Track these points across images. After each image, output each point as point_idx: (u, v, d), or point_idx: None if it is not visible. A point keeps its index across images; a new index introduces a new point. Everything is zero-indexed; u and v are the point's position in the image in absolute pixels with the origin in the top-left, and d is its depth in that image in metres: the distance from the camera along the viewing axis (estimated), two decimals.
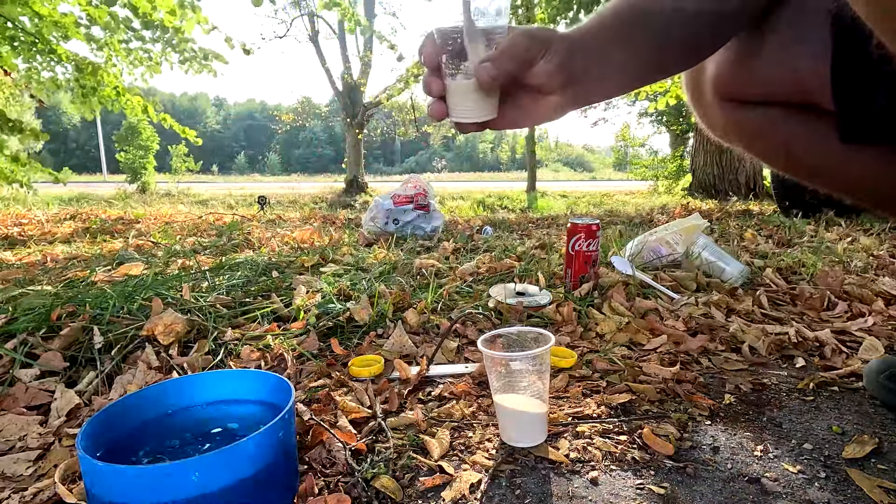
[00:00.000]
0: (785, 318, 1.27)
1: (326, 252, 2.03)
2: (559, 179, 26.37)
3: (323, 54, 11.96)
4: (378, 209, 2.77)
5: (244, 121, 60.41)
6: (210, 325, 1.12)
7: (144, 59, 3.72)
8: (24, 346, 0.97)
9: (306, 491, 0.62)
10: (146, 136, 12.37)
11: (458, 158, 55.33)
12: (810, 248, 2.17)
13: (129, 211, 4.76)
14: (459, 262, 1.93)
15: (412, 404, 0.87)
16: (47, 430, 0.78)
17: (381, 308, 1.26)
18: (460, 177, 28.96)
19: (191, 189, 11.87)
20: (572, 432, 0.77)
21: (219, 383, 0.72)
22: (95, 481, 0.51)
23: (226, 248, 2.30)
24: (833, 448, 0.73)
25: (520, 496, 0.63)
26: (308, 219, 4.00)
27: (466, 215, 4.70)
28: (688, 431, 0.77)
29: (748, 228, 2.85)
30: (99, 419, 0.60)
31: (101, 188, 12.51)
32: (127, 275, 1.59)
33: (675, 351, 1.07)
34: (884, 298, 1.39)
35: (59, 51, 3.58)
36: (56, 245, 2.57)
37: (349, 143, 11.79)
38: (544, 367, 0.72)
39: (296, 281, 1.47)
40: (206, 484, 0.51)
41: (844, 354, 1.07)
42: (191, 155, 14.37)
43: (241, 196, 10.28)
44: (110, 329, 1.05)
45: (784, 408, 0.85)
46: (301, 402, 0.84)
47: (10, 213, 4.34)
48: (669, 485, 0.65)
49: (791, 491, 0.63)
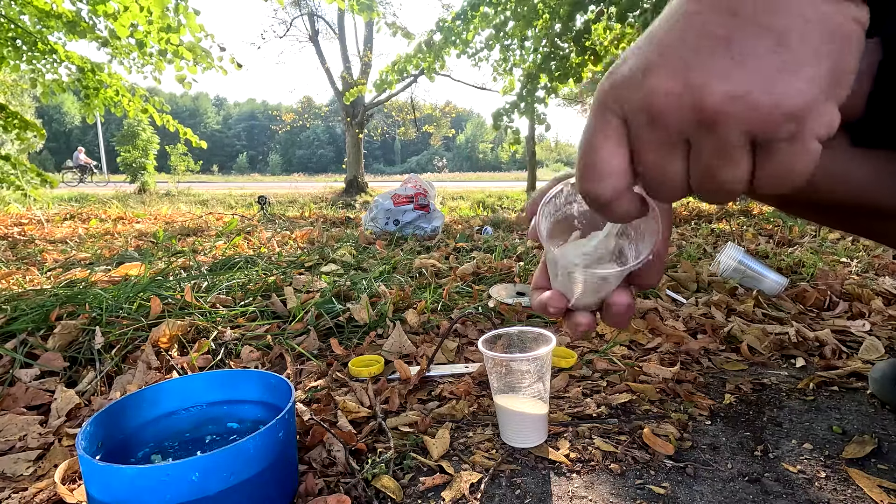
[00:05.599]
0: (785, 318, 1.27)
1: (326, 252, 2.03)
2: None
3: (323, 54, 11.98)
4: (378, 209, 2.77)
5: (245, 121, 60.44)
6: (210, 326, 1.12)
7: (148, 59, 3.67)
8: (24, 346, 0.97)
9: (306, 491, 0.62)
10: (146, 136, 12.38)
11: (458, 158, 55.36)
12: (811, 248, 2.17)
13: (129, 211, 4.76)
14: (459, 262, 1.93)
15: (412, 404, 0.87)
16: (47, 430, 0.78)
17: (381, 308, 1.26)
18: (460, 177, 28.97)
19: (191, 189, 11.87)
20: (572, 432, 0.77)
21: (219, 383, 0.72)
22: (95, 481, 0.51)
23: (225, 247, 2.30)
24: (833, 448, 0.73)
25: (520, 496, 0.63)
26: (308, 218, 4.00)
27: (466, 215, 4.70)
28: (688, 431, 0.77)
29: (748, 228, 2.84)
30: (99, 419, 0.60)
31: (101, 188, 12.52)
32: (127, 275, 1.59)
33: (675, 351, 1.07)
34: (884, 298, 1.39)
35: (59, 50, 3.57)
36: (56, 245, 2.57)
37: (349, 143, 11.80)
38: (545, 369, 0.72)
39: (296, 281, 1.47)
40: (205, 484, 0.51)
41: (844, 354, 1.07)
42: (189, 154, 14.36)
43: (241, 196, 10.28)
44: (110, 329, 1.05)
45: (784, 408, 0.85)
46: (301, 402, 0.84)
47: (10, 213, 4.34)
48: (669, 485, 0.65)
49: (791, 491, 0.63)
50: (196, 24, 3.38)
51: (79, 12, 3.39)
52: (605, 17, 3.57)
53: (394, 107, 15.76)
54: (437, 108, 16.89)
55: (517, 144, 4.27)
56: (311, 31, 12.51)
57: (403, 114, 14.94)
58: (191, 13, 3.33)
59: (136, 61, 3.74)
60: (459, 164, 53.31)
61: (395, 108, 15.94)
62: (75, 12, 3.38)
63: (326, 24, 12.76)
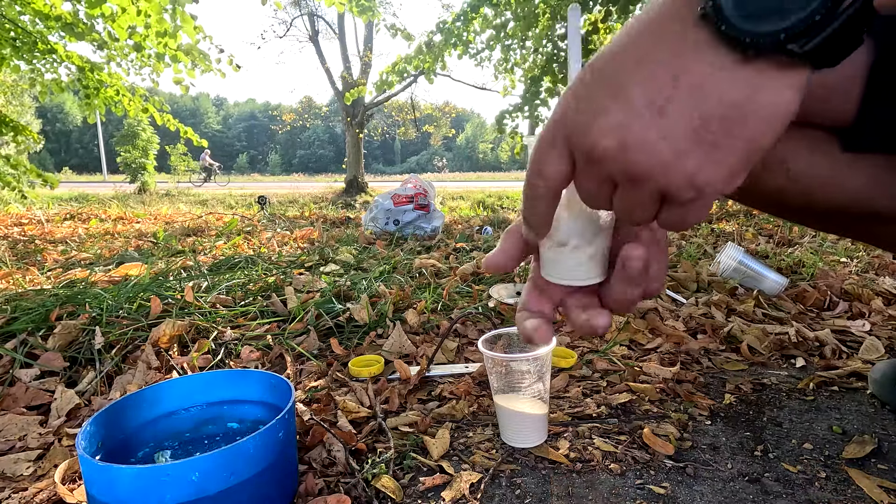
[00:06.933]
0: (785, 318, 1.27)
1: (326, 252, 2.03)
2: None
3: (323, 54, 11.99)
4: (378, 209, 2.77)
5: (245, 121, 60.43)
6: (210, 325, 1.12)
7: (146, 62, 3.67)
8: (24, 346, 0.97)
9: (306, 491, 0.62)
10: (146, 136, 12.39)
11: (458, 158, 55.36)
12: (811, 248, 2.17)
13: (129, 211, 4.76)
14: (459, 262, 1.93)
15: (412, 404, 0.87)
16: (47, 430, 0.78)
17: (381, 308, 1.26)
18: (460, 177, 28.97)
19: (191, 189, 11.88)
20: (572, 432, 0.77)
21: (219, 383, 0.72)
22: (95, 481, 0.51)
23: (226, 247, 2.30)
24: (833, 448, 0.73)
25: (520, 496, 0.63)
26: (308, 218, 4.00)
27: (466, 215, 4.70)
28: (688, 431, 0.77)
29: (748, 228, 2.84)
30: (99, 419, 0.60)
31: (101, 188, 12.53)
32: (127, 275, 1.59)
33: (675, 351, 1.07)
34: (884, 298, 1.39)
35: (59, 50, 3.57)
36: (56, 245, 2.57)
37: (349, 143, 11.81)
38: (545, 369, 0.72)
39: (296, 281, 1.47)
40: (205, 484, 0.51)
41: (844, 354, 1.07)
42: (189, 154, 14.38)
43: (241, 196, 10.29)
44: (110, 329, 1.05)
45: (784, 408, 0.85)
46: (301, 402, 0.84)
47: (10, 213, 4.34)
48: (669, 485, 0.65)
49: (791, 491, 0.63)
50: (193, 29, 3.36)
51: (76, 13, 3.38)
52: (612, 17, 3.56)
53: (394, 107, 15.77)
54: (437, 108, 16.89)
55: (522, 145, 4.28)
56: (311, 32, 12.52)
57: (403, 114, 14.95)
58: (188, 16, 3.31)
59: (134, 63, 3.73)
60: (459, 164, 53.32)
61: (395, 108, 15.95)
62: (73, 13, 3.37)
63: (326, 24, 12.78)
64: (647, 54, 0.26)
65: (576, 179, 0.31)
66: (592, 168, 0.29)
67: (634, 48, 0.27)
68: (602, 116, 0.27)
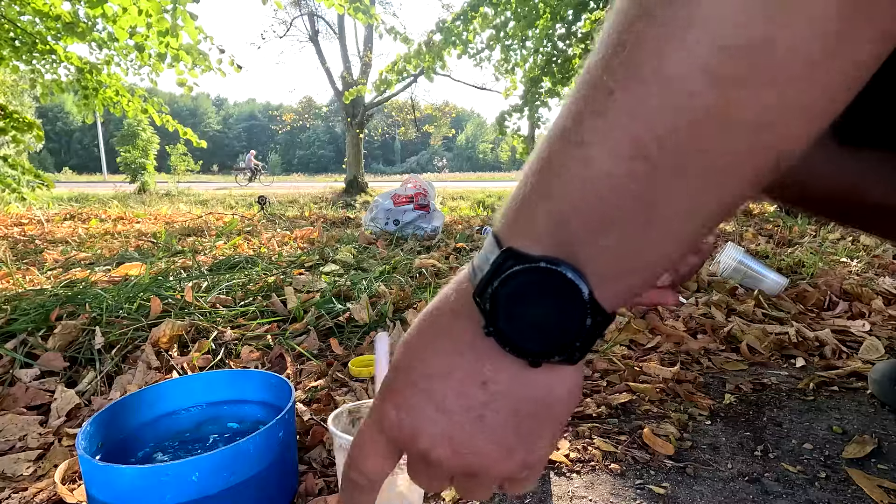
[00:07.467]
0: (785, 318, 1.27)
1: (326, 252, 2.03)
2: None
3: (323, 54, 11.99)
4: (378, 209, 2.77)
5: (245, 121, 60.44)
6: (210, 325, 1.12)
7: (146, 62, 3.66)
8: (24, 346, 0.97)
9: (306, 491, 0.62)
10: (146, 136, 12.40)
11: (458, 158, 55.36)
12: (811, 248, 2.17)
13: (129, 211, 4.76)
14: (459, 262, 1.93)
15: None
16: (47, 430, 0.78)
17: (381, 308, 1.26)
18: (460, 177, 28.96)
19: (191, 189, 11.88)
20: (572, 432, 0.77)
21: (219, 383, 0.72)
22: (95, 481, 0.51)
23: (226, 247, 2.30)
24: (833, 448, 0.73)
25: (520, 496, 0.63)
26: (308, 218, 4.00)
27: (466, 215, 4.70)
28: (688, 431, 0.77)
29: (748, 228, 2.84)
30: (99, 419, 0.60)
31: (101, 188, 12.53)
32: (127, 275, 1.59)
33: (675, 351, 1.07)
34: (884, 298, 1.39)
35: (59, 51, 3.57)
36: (56, 245, 2.57)
37: (349, 143, 11.81)
38: None
39: (296, 281, 1.47)
40: (206, 484, 0.51)
41: (844, 354, 1.07)
42: (189, 154, 14.39)
43: (241, 196, 10.29)
44: (110, 329, 1.05)
45: (784, 408, 0.85)
46: (301, 402, 0.84)
47: (10, 214, 4.34)
48: (669, 485, 0.65)
49: (791, 491, 0.63)
50: (194, 29, 3.35)
51: (76, 13, 3.38)
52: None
53: (394, 107, 15.77)
54: (437, 107, 16.88)
55: (523, 145, 4.28)
56: (311, 32, 12.52)
57: (403, 114, 14.95)
58: (189, 16, 3.30)
59: (134, 63, 3.73)
60: (459, 164, 53.30)
61: (395, 108, 15.95)
62: (73, 13, 3.37)
63: (326, 25, 12.78)
64: (453, 362, 0.28)
65: (412, 474, 0.32)
66: (430, 469, 0.30)
67: (437, 355, 0.29)
68: (428, 425, 0.28)
